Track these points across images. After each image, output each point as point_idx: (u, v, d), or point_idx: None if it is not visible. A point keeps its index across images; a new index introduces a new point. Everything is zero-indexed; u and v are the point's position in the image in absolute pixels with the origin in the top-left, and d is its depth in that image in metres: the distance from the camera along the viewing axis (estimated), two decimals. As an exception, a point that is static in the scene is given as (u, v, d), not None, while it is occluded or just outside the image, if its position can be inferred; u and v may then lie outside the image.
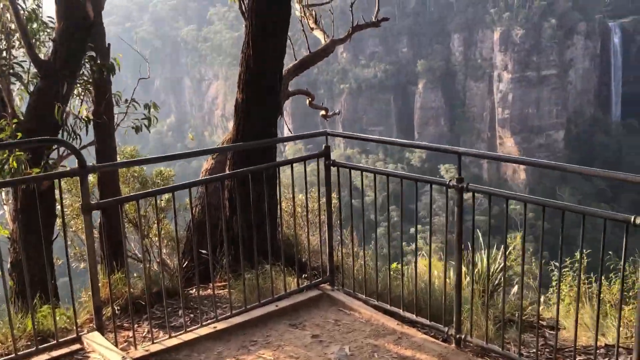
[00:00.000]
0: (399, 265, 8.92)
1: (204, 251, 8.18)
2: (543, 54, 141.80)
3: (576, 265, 10.49)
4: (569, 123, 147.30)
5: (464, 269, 8.33)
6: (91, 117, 10.01)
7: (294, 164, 8.57)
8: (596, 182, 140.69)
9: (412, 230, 10.04)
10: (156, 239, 12.38)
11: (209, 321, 7.86)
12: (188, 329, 7.65)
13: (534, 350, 7.14)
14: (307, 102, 15.18)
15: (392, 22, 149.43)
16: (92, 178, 12.49)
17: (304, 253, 9.64)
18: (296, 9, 15.31)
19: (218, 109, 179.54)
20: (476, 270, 8.98)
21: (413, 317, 7.82)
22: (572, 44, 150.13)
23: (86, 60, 9.01)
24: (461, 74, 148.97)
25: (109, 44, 10.88)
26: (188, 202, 8.02)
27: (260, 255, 8.45)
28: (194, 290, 8.99)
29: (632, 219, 5.62)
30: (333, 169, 8.48)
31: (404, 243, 8.31)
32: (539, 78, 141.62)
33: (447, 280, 7.88)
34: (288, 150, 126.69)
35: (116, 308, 8.15)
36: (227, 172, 10.03)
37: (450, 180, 7.11)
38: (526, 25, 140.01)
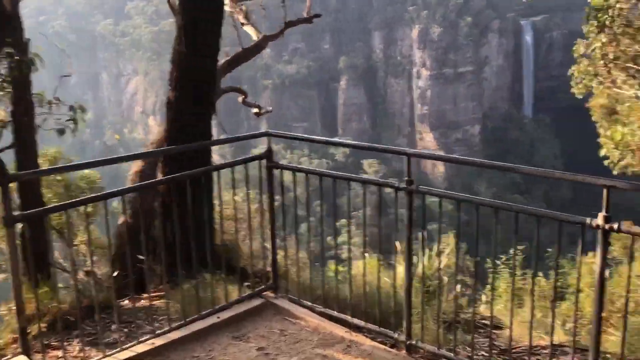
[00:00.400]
0: (342, 268, 8.70)
1: (141, 257, 7.64)
2: (460, 52, 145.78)
3: (514, 263, 10.58)
4: (484, 118, 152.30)
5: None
6: (8, 118, 9.22)
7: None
8: (511, 175, 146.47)
9: (360, 232, 9.83)
10: (82, 247, 11.65)
11: (146, 337, 7.34)
12: (124, 347, 7.11)
13: (482, 352, 7.06)
14: (240, 99, 14.73)
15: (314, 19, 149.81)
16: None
17: (246, 259, 9.23)
18: (226, 4, 14.82)
19: (138, 105, 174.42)
20: (418, 271, 8.86)
21: (362, 323, 7.59)
22: (487, 42, 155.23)
23: (3, 57, 8.24)
24: (382, 71, 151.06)
25: (28, 39, 10.06)
26: (116, 206, 7.47)
27: (198, 263, 7.99)
28: (128, 302, 8.43)
29: (588, 220, 5.58)
30: (276, 171, 8.12)
31: (351, 246, 8.04)
32: (456, 75, 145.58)
33: (396, 283, 7.70)
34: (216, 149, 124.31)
35: (43, 326, 7.49)
36: (160, 175, 9.48)
37: (399, 183, 6.91)
38: (443, 23, 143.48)
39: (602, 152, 19.64)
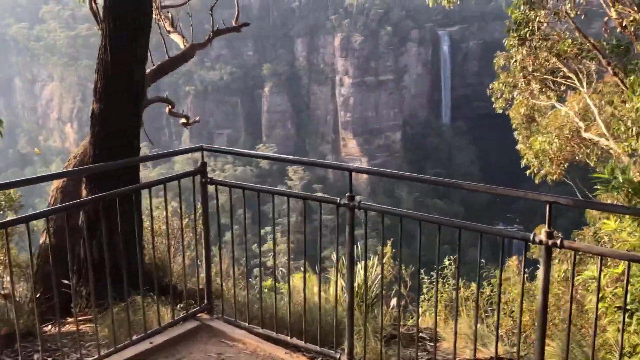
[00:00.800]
0: (279, 284, 8.47)
1: (66, 281, 7.13)
2: (380, 60, 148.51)
3: (447, 274, 10.69)
4: (405, 125, 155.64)
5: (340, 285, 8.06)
6: None
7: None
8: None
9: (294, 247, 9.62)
10: (-2, 268, 10.84)
11: (73, 366, 6.86)
12: (49, 379, 6.61)
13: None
14: (167, 109, 14.21)
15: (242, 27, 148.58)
16: None
17: (179, 280, 8.84)
18: (150, 10, 14.25)
19: (54, 112, 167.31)
20: (357, 285, 8.73)
21: (301, 343, 7.38)
22: (406, 51, 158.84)
23: None
24: (305, 78, 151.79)
25: None
26: (36, 222, 6.95)
27: (128, 283, 7.55)
28: (52, 327, 7.87)
29: (531, 237, 5.61)
30: (210, 187, 7.81)
31: (291, 263, 7.82)
32: (378, 83, 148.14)
33: (333, 297, 7.54)
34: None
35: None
36: (85, 192, 8.95)
37: (340, 199, 6.77)
38: (364, 32, 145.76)
39: (523, 162, 20.38)
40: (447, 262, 11.11)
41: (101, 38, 9.06)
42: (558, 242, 5.46)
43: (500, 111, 23.97)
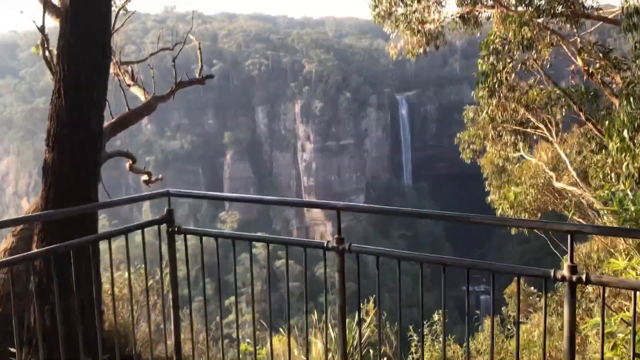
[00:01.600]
0: (250, 347, 7.52)
1: (12, 349, 6.10)
2: (341, 125, 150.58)
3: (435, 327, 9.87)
4: (368, 188, 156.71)
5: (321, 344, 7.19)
6: None
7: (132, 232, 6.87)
8: (397, 242, 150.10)
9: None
10: None
11: None
12: None
13: None
14: (127, 165, 13.36)
15: (197, 95, 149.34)
16: None
17: (144, 348, 7.80)
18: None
19: (10, 187, 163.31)
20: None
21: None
22: (366, 115, 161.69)
23: None
24: (267, 145, 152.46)
25: None
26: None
27: (86, 353, 6.54)
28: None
29: (552, 273, 4.92)
30: (179, 236, 6.93)
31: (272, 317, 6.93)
32: (339, 147, 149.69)
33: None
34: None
35: None
36: (36, 249, 7.95)
37: (328, 242, 6.00)
38: (324, 98, 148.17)
39: (498, 212, 20.03)
40: (435, 318, 10.32)
41: (55, 83, 8.31)
42: (583, 277, 4.75)
43: (468, 161, 23.91)
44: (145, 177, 14.01)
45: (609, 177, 12.71)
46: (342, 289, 5.96)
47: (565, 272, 4.88)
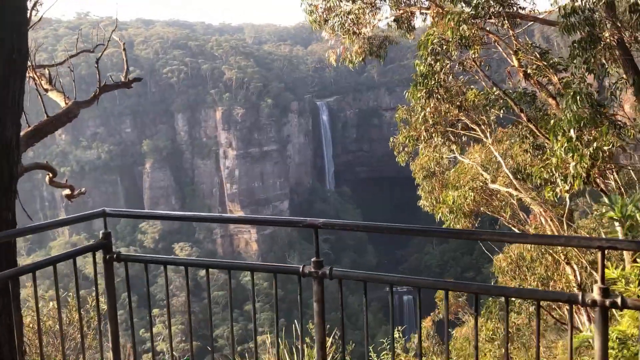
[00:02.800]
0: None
1: None
2: (263, 131, 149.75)
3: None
4: (291, 193, 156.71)
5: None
6: None
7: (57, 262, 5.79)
8: (321, 246, 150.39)
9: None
10: None
11: None
12: None
13: None
14: (47, 179, 12.02)
15: (113, 103, 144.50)
16: None
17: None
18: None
19: None
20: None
21: None
22: (288, 121, 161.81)
23: None
24: (188, 153, 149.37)
25: None
26: None
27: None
28: None
29: (580, 297, 4.23)
30: (118, 264, 5.91)
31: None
32: (262, 153, 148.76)
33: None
34: None
35: None
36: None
37: (304, 266, 5.19)
38: (246, 105, 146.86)
39: (437, 217, 19.78)
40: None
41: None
42: (618, 301, 4.10)
43: (404, 164, 23.69)
44: (67, 191, 12.70)
45: (554, 177, 12.53)
46: (322, 323, 5.16)
47: (596, 295, 4.14)
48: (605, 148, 11.67)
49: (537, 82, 16.76)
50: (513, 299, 18.05)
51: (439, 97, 18.20)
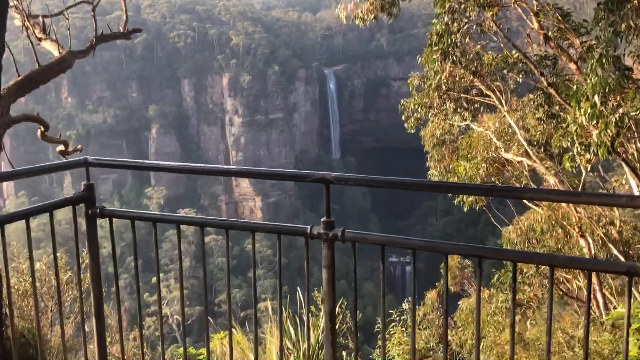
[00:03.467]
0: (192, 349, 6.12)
1: None
2: (270, 99, 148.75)
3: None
4: (297, 162, 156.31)
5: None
6: None
7: (35, 216, 5.21)
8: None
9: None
10: None
11: None
12: None
13: None
14: (39, 132, 11.43)
15: (119, 66, 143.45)
16: None
17: (58, 355, 6.17)
18: (16, 17, 11.61)
19: None
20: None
21: None
22: (295, 89, 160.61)
23: None
24: (194, 119, 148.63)
25: None
26: None
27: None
28: None
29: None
30: (102, 220, 5.33)
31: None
32: (268, 121, 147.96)
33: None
34: None
35: None
36: None
37: (312, 227, 4.60)
38: (252, 72, 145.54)
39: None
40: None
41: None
42: None
43: (413, 131, 22.99)
44: (61, 147, 12.11)
45: (574, 146, 11.85)
46: (331, 291, 4.59)
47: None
48: (632, 114, 10.99)
49: (558, 46, 15.95)
50: (525, 270, 17.57)
51: (454, 59, 17.37)
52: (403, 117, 22.77)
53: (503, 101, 18.69)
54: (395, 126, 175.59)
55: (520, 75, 17.96)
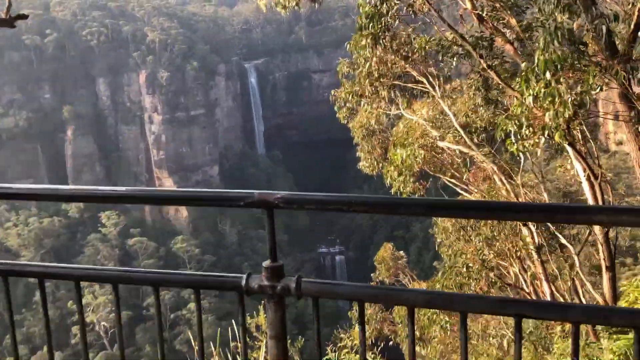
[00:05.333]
0: None
1: None
2: (190, 95, 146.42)
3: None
4: (221, 158, 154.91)
5: None
6: None
7: None
8: (254, 211, 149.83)
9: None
10: None
11: None
12: None
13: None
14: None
15: (30, 67, 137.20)
16: None
17: None
18: None
19: None
20: None
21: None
22: (215, 85, 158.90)
23: None
24: (111, 118, 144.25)
25: None
26: None
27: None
28: None
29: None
30: None
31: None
32: (189, 118, 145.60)
33: None
34: None
35: None
36: None
37: (248, 277, 3.56)
38: (170, 68, 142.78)
39: (387, 180, 19.09)
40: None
41: None
42: None
43: (345, 122, 23.10)
44: None
45: (523, 129, 11.25)
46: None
47: None
48: (593, 92, 10.51)
49: (493, 27, 15.44)
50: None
51: (385, 43, 17.06)
52: (335, 108, 22.80)
53: (437, 87, 18.86)
54: (320, 118, 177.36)
55: (455, 59, 17.61)
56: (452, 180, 21.16)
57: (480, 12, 14.72)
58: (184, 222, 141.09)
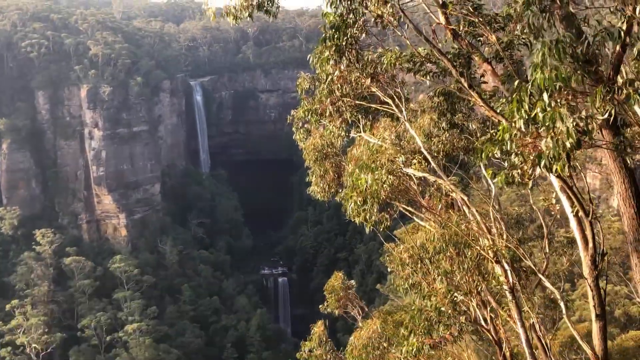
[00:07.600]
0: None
1: None
2: (133, 111, 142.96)
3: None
4: (163, 176, 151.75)
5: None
6: None
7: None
8: (195, 230, 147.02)
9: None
10: None
11: None
12: None
13: None
14: None
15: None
16: None
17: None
18: None
19: None
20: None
21: None
22: (159, 101, 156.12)
23: None
24: (50, 133, 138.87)
25: None
26: None
27: None
28: None
29: None
30: None
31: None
32: (131, 134, 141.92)
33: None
34: None
35: None
36: None
37: None
38: (113, 83, 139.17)
39: (349, 207, 17.63)
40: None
41: None
42: None
43: (302, 143, 21.84)
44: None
45: (512, 157, 10.01)
46: None
47: None
48: (600, 117, 9.42)
49: (469, 44, 14.38)
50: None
51: (351, 57, 15.83)
52: (294, 128, 21.75)
53: (403, 108, 17.98)
54: (266, 138, 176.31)
55: (428, 77, 16.58)
56: (409, 208, 19.80)
57: (455, 28, 13.86)
58: (122, 242, 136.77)
